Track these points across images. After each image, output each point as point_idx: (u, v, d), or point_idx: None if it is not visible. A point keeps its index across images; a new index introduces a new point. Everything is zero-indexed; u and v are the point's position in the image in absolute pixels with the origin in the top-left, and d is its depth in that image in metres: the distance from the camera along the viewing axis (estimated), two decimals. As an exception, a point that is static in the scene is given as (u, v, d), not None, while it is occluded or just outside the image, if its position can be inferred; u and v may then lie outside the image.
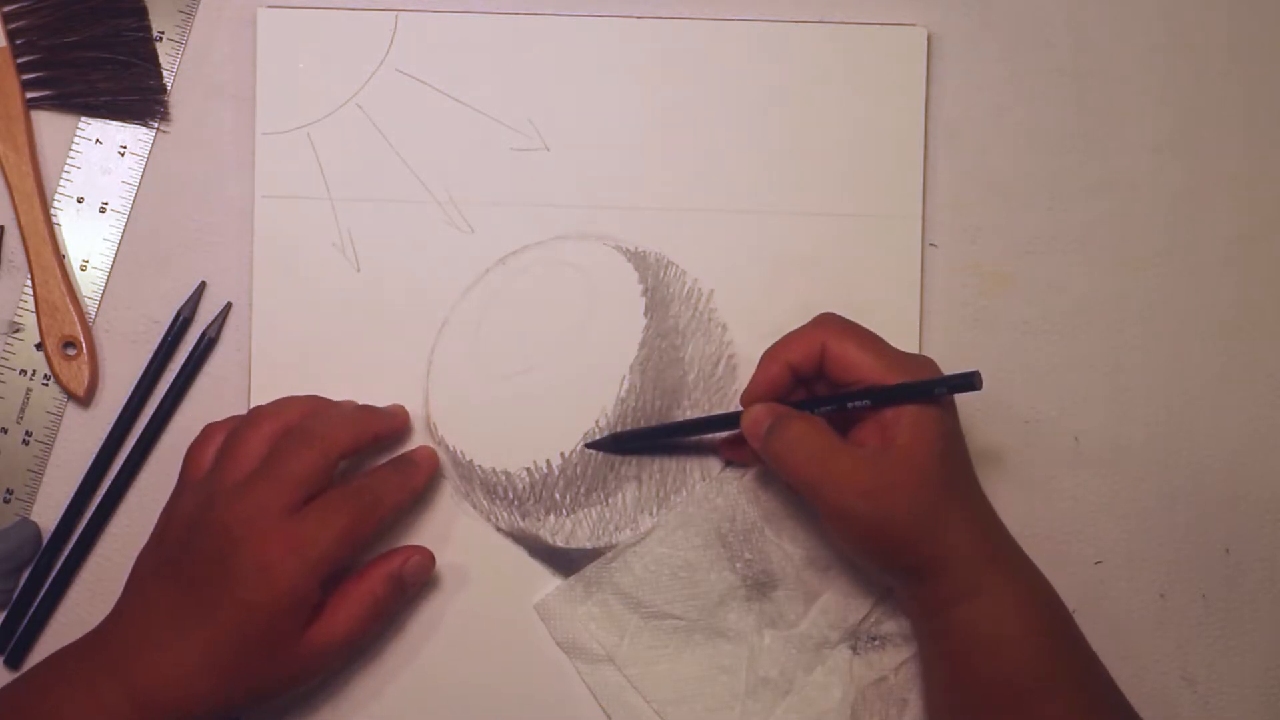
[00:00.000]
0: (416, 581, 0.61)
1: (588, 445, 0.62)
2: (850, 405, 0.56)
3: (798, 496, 0.62)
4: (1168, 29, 0.64)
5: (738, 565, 0.62)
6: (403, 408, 0.62)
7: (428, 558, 0.61)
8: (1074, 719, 0.55)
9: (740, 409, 0.59)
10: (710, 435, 0.62)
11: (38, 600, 0.63)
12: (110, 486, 0.63)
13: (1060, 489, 0.64)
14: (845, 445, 0.56)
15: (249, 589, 0.54)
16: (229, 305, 0.63)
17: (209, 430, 0.60)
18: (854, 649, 0.62)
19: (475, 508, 0.63)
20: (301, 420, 0.58)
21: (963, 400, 0.63)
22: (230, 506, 0.55)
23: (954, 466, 0.57)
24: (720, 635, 0.62)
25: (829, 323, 0.58)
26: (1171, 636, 0.64)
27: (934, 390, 0.56)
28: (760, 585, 0.62)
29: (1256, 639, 0.64)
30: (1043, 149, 0.64)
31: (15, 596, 0.63)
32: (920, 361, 0.58)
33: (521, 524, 0.63)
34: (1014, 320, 0.64)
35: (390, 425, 0.61)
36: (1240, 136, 0.64)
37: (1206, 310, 0.64)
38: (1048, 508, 0.64)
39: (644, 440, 0.63)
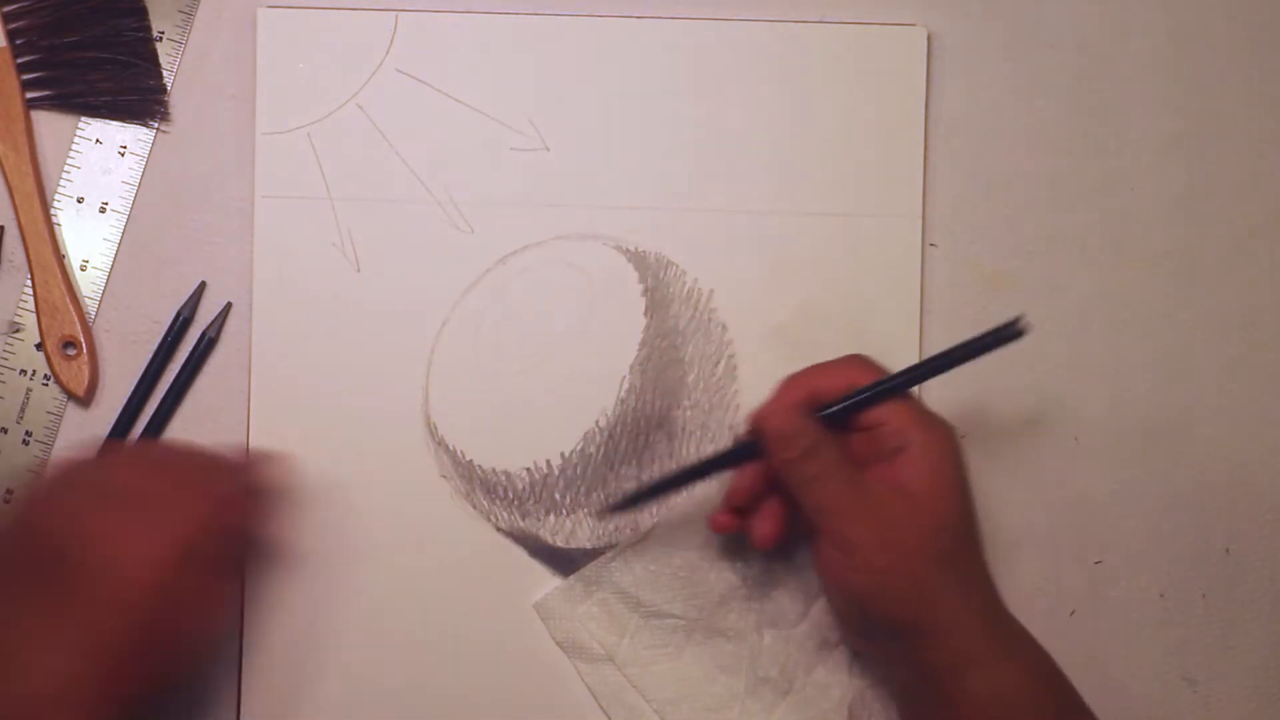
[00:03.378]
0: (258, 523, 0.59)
1: (602, 512, 0.62)
2: (880, 388, 0.55)
3: None
4: (1168, 29, 0.64)
5: (738, 564, 0.62)
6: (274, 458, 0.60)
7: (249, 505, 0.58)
8: None
9: (753, 438, 0.56)
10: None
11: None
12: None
13: (1060, 489, 0.64)
14: (869, 488, 0.54)
15: (107, 586, 0.49)
16: (229, 305, 0.63)
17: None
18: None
19: (475, 508, 0.63)
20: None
21: (962, 400, 0.63)
22: (72, 495, 0.51)
23: (964, 523, 0.55)
24: (720, 635, 0.62)
25: (861, 363, 0.57)
26: (1171, 636, 0.64)
27: (974, 350, 0.55)
28: (760, 585, 0.62)
29: (1256, 639, 0.64)
30: (1043, 149, 0.64)
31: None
32: (946, 423, 0.56)
33: (521, 524, 0.63)
34: (1014, 320, 0.64)
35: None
36: (1241, 136, 0.64)
37: (1207, 310, 0.64)
38: (1048, 508, 0.64)
39: (657, 492, 0.59)
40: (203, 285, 0.63)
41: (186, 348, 0.63)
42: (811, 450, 0.55)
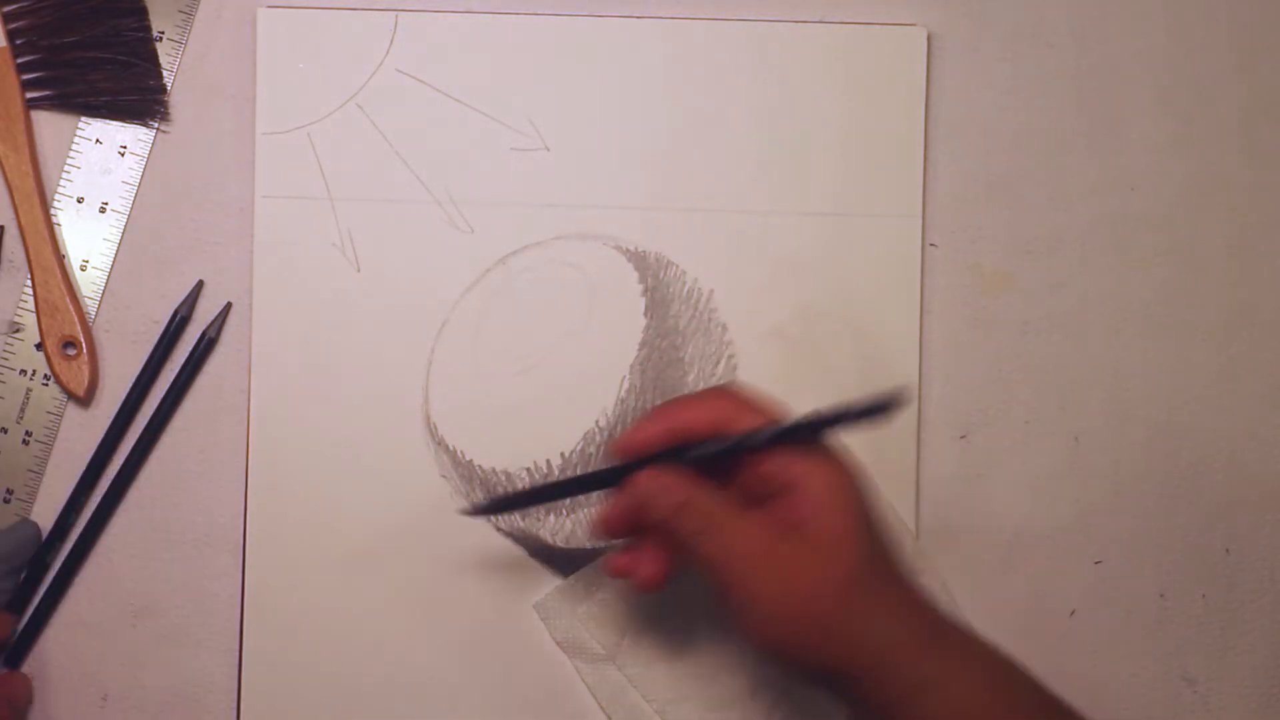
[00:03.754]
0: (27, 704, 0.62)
1: (462, 511, 0.61)
2: (750, 444, 0.52)
3: None
4: (1168, 29, 0.64)
5: None
6: None
7: (26, 685, 0.62)
8: None
9: (619, 465, 0.54)
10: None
11: (37, 600, 0.63)
12: (110, 486, 0.63)
13: (1060, 489, 0.64)
14: (762, 534, 0.50)
15: None
16: (229, 305, 0.63)
17: None
18: None
19: (475, 508, 0.63)
20: None
21: (961, 400, 0.63)
22: None
23: (874, 555, 0.51)
24: (721, 635, 0.62)
25: (733, 394, 0.53)
26: (1171, 636, 0.64)
27: (845, 418, 0.51)
28: None
29: (1256, 639, 0.64)
30: (1043, 149, 0.64)
31: (14, 596, 0.63)
32: (835, 454, 0.52)
33: (521, 524, 0.63)
34: (1014, 320, 0.64)
35: None
36: (1240, 136, 0.64)
37: (1206, 310, 0.64)
38: (1048, 508, 0.64)
39: (521, 502, 0.59)
40: (200, 284, 0.63)
41: (186, 347, 0.63)
42: (686, 505, 0.51)
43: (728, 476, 0.53)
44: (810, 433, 0.52)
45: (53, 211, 0.63)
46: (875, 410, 0.50)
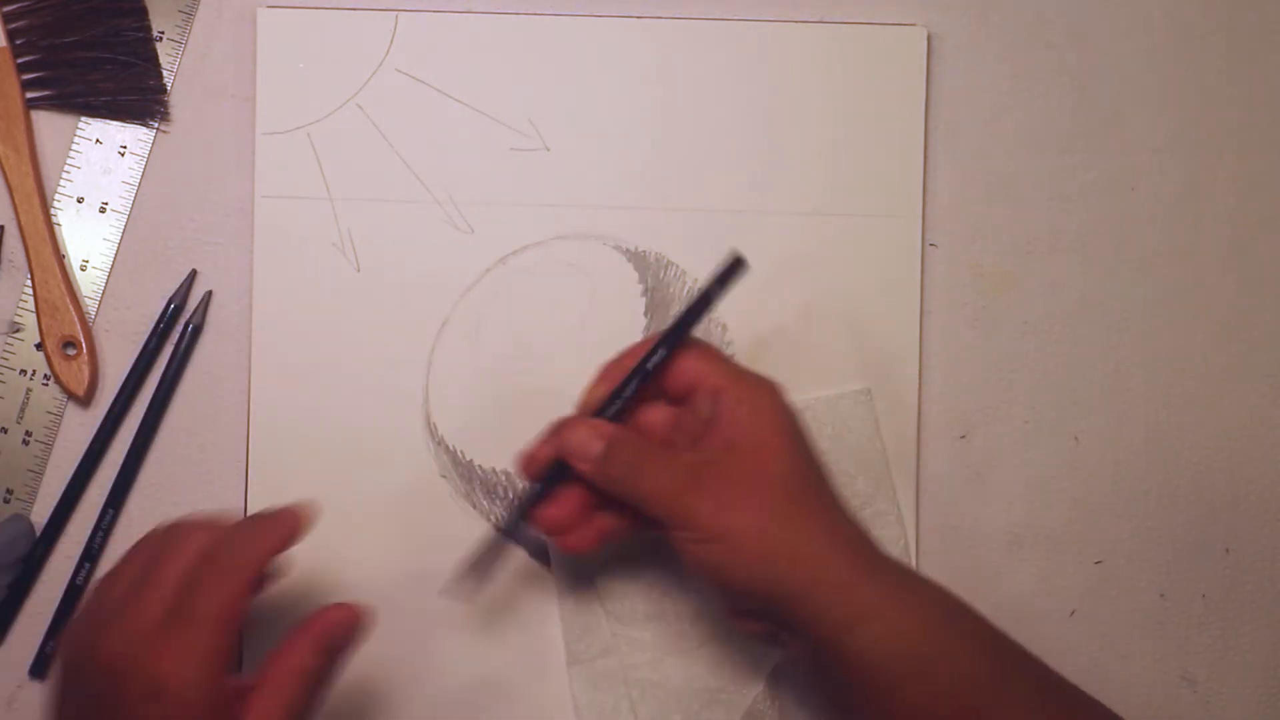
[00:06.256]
0: (346, 640, 0.52)
1: (445, 591, 0.59)
2: (649, 364, 0.55)
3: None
4: (1168, 29, 0.64)
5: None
6: (299, 509, 0.52)
7: (350, 614, 0.52)
8: None
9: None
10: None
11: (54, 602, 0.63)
12: (113, 485, 0.63)
13: (1060, 489, 0.64)
14: (690, 458, 0.52)
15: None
16: (209, 294, 0.63)
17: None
18: None
19: (475, 508, 0.63)
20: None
21: (961, 400, 0.63)
22: (106, 634, 0.47)
23: (804, 468, 0.52)
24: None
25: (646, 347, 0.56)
26: (1171, 636, 0.64)
27: (710, 294, 0.55)
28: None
29: (1256, 639, 0.64)
30: (1043, 149, 0.64)
31: (10, 593, 0.62)
32: (762, 377, 0.54)
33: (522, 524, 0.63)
34: (1014, 320, 0.64)
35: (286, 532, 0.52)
36: (1240, 136, 0.64)
37: (1206, 310, 0.64)
38: (1048, 508, 0.64)
39: (495, 553, 0.58)
40: (194, 273, 0.63)
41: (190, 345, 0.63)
42: (610, 449, 0.53)
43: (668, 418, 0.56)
44: (694, 319, 0.55)
45: (53, 211, 0.63)
46: (728, 275, 0.55)
